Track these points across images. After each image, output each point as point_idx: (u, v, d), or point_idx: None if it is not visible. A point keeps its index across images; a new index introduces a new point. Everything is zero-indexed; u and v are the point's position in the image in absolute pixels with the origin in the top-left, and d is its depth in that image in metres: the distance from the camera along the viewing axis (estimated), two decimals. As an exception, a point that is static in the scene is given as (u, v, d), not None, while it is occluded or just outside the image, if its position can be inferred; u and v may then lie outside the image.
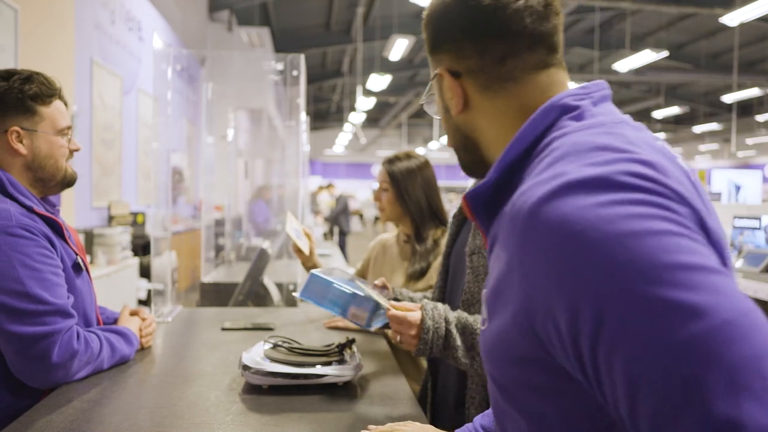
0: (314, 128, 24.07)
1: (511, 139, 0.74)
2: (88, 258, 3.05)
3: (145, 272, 5.23)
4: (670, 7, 10.16)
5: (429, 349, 1.34)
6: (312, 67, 16.32)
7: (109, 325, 1.67)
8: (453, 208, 1.73)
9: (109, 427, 1.16)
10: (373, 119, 23.28)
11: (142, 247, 5.59)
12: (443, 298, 1.60)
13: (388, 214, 2.14)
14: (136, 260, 5.10)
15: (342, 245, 10.76)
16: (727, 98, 14.72)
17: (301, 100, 3.07)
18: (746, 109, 18.75)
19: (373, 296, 1.44)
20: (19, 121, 1.43)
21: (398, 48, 9.58)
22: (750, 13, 7.58)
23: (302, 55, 3.02)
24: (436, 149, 21.97)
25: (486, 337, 0.71)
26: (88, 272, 1.57)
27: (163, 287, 2.38)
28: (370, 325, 1.45)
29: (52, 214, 1.47)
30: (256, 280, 2.68)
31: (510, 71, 0.78)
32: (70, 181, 1.54)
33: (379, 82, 11.80)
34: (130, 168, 6.45)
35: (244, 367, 1.39)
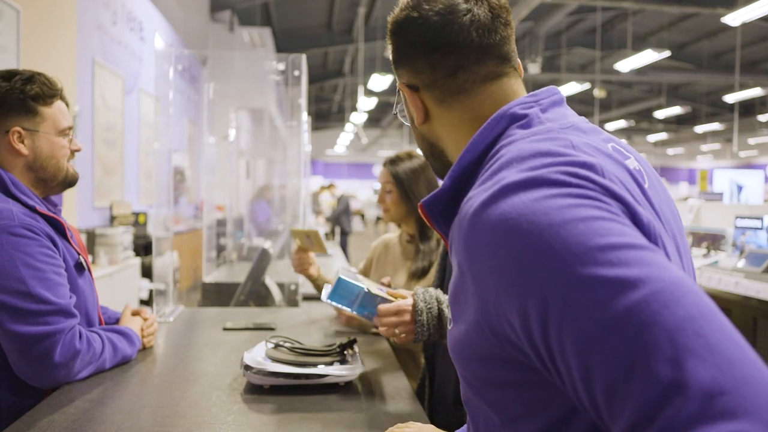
0: (316, 128, 24.08)
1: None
2: (90, 258, 3.06)
3: (147, 272, 5.24)
4: (672, 6, 10.15)
5: (427, 332, 1.36)
6: (313, 67, 16.33)
7: (111, 324, 1.67)
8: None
9: (111, 427, 1.16)
10: (375, 119, 23.29)
11: (143, 247, 5.60)
12: None
13: (393, 215, 2.13)
14: (137, 260, 5.10)
15: (344, 245, 10.77)
16: (729, 98, 14.70)
17: (303, 100, 3.07)
18: (748, 109, 18.73)
19: (386, 296, 1.47)
20: (21, 121, 1.43)
21: (400, 48, 9.55)
22: (752, 12, 7.56)
23: (303, 55, 3.02)
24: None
25: (452, 337, 0.74)
26: (90, 272, 1.57)
27: (165, 287, 2.39)
28: None
29: (55, 214, 1.47)
30: (257, 280, 2.68)
31: (461, 84, 0.81)
32: (71, 182, 1.55)
33: (380, 82, 11.79)
34: (132, 168, 6.45)
35: (246, 367, 1.39)
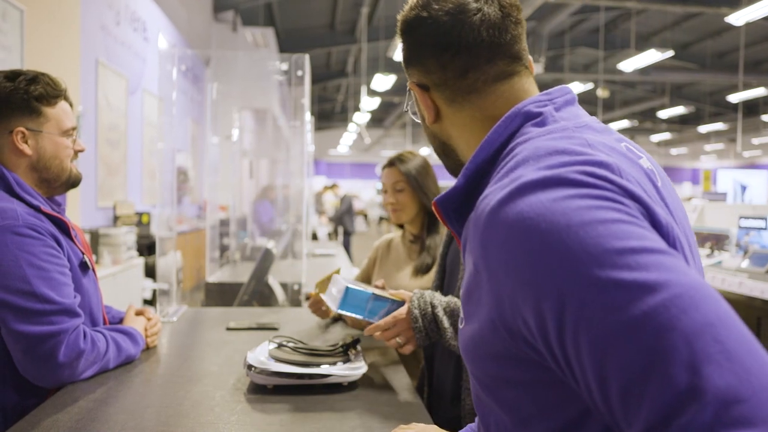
0: (319, 128, 24.09)
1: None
2: (94, 258, 3.06)
3: (150, 272, 5.25)
4: (676, 6, 10.12)
5: (426, 336, 1.40)
6: (316, 68, 16.33)
7: (114, 324, 1.67)
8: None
9: (115, 426, 1.17)
10: (378, 119, 23.28)
11: (147, 247, 5.61)
12: None
13: (407, 213, 2.11)
14: (141, 260, 5.11)
15: (346, 245, 10.76)
16: (733, 98, 14.65)
17: (306, 100, 3.07)
18: (752, 108, 18.68)
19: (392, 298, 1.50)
20: (25, 121, 1.44)
21: (403, 48, 9.56)
22: (756, 12, 7.54)
23: (307, 56, 3.02)
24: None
25: (464, 336, 0.74)
26: (94, 271, 1.57)
27: (168, 287, 2.39)
28: None
29: (59, 214, 1.47)
30: (260, 280, 2.68)
31: (472, 84, 0.81)
32: (75, 182, 1.55)
33: (383, 82, 11.79)
34: (135, 168, 6.46)
35: (249, 367, 1.39)
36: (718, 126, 19.44)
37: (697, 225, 4.21)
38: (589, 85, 13.75)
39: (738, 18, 7.97)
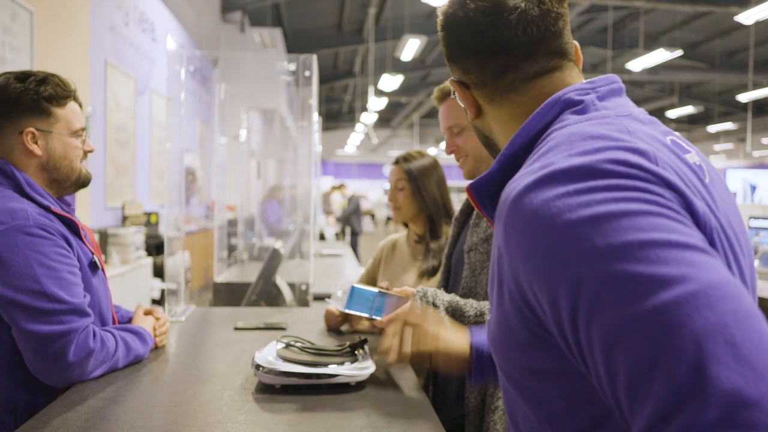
0: (326, 128, 24.10)
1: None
2: (103, 258, 3.08)
3: (159, 272, 5.27)
4: (685, 5, 10.07)
5: None
6: (324, 68, 16.35)
7: (123, 323, 1.68)
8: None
9: (124, 425, 1.17)
10: (385, 119, 23.27)
11: (155, 247, 5.63)
12: None
13: (405, 213, 2.12)
14: (149, 260, 5.14)
15: (354, 245, 10.77)
16: (743, 97, 14.55)
17: (314, 101, 3.07)
18: (762, 108, 18.55)
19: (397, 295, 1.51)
20: (35, 122, 1.45)
21: (410, 48, 9.58)
22: (766, 11, 7.49)
23: (314, 56, 3.02)
24: (448, 149, 21.88)
25: (491, 326, 0.73)
26: (103, 271, 1.58)
27: (177, 287, 2.40)
28: None
29: (68, 214, 1.48)
30: (268, 280, 2.68)
31: (510, 83, 0.79)
32: (84, 182, 1.56)
33: (390, 82, 11.80)
34: (144, 168, 6.49)
35: (257, 367, 1.39)
36: (728, 126, 19.31)
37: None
38: (597, 85, 13.68)
39: (747, 17, 7.92)
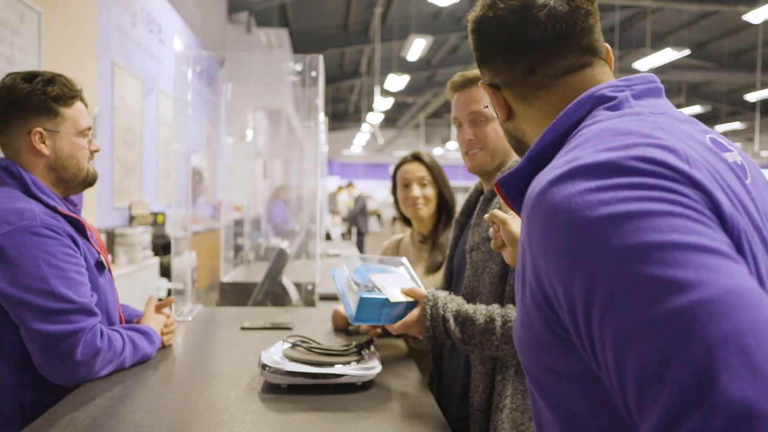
0: (332, 129, 24.13)
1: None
2: (110, 257, 3.09)
3: (166, 272, 5.28)
4: (692, 4, 10.02)
5: (435, 341, 1.42)
6: (330, 68, 16.36)
7: (131, 323, 1.69)
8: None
9: (131, 425, 1.18)
10: (391, 119, 23.27)
11: (162, 247, 5.65)
12: None
13: (431, 208, 2.10)
14: (156, 260, 5.15)
15: (360, 245, 10.78)
16: (751, 97, 14.47)
17: (320, 101, 3.08)
18: (770, 107, 18.46)
19: (402, 299, 1.46)
20: (42, 122, 1.45)
21: (416, 48, 9.58)
22: (774, 10, 7.45)
23: (320, 56, 3.02)
24: (454, 149, 21.92)
25: (516, 325, 0.73)
26: (110, 271, 1.59)
27: (183, 287, 2.41)
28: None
29: (75, 214, 1.49)
30: (274, 279, 2.69)
31: (540, 80, 0.79)
32: (91, 181, 1.56)
33: (396, 82, 11.80)
34: (151, 168, 6.51)
35: (263, 367, 1.39)
36: (736, 125, 19.20)
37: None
38: (604, 85, 13.64)
39: (756, 16, 7.87)
